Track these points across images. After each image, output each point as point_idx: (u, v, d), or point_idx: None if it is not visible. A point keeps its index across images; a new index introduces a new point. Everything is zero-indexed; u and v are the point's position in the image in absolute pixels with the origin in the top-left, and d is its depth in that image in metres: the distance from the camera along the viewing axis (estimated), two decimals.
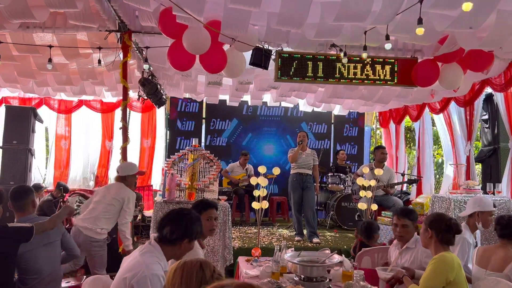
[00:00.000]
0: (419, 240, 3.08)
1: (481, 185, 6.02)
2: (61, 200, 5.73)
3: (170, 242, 2.31)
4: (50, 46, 5.00)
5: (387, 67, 5.17)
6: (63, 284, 3.56)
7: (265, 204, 5.32)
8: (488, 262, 3.01)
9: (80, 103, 8.43)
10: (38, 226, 3.01)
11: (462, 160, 6.75)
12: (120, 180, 4.29)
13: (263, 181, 5.32)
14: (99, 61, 5.08)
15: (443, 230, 2.70)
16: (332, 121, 9.48)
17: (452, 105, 6.89)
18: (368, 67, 5.15)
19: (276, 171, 5.74)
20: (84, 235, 4.00)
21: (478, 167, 8.00)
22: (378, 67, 5.17)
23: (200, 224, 2.46)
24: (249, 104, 8.60)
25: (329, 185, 7.86)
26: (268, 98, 8.23)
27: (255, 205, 5.38)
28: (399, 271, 2.89)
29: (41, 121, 7.47)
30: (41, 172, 8.43)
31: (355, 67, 5.15)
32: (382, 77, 5.18)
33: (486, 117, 6.65)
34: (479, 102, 6.39)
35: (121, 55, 4.78)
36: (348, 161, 8.83)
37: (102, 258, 4.09)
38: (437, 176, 9.63)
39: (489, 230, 3.98)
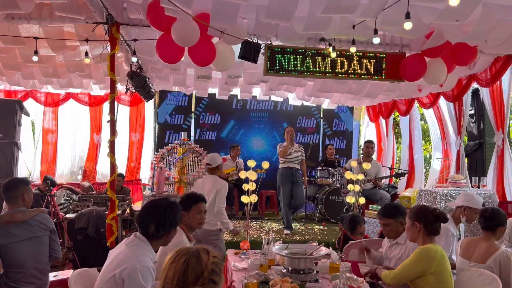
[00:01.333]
0: None
1: (467, 179, 6.11)
2: (48, 194, 5.67)
3: (158, 237, 2.32)
4: (36, 38, 4.92)
5: (375, 62, 5.20)
6: (51, 278, 3.54)
7: (254, 198, 5.34)
8: (472, 254, 3.06)
9: (68, 96, 8.32)
10: (8, 217, 3.03)
11: (452, 154, 6.85)
12: (213, 171, 4.63)
13: (252, 175, 5.34)
14: (86, 54, 5.03)
15: (432, 221, 2.73)
16: (321, 116, 9.53)
17: (442, 100, 6.97)
18: (356, 62, 5.17)
19: (265, 165, 5.76)
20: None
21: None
22: (366, 61, 5.19)
23: (180, 209, 2.49)
24: (239, 98, 8.59)
25: (318, 179, 7.91)
26: (257, 92, 8.23)
27: (244, 199, 5.39)
28: (374, 266, 3.01)
29: (27, 114, 7.37)
30: (28, 166, 8.32)
31: (343, 62, 5.16)
32: (370, 71, 5.21)
33: (472, 112, 6.73)
34: (467, 97, 6.47)
35: (109, 48, 4.73)
36: (337, 155, 8.89)
37: (220, 246, 4.33)
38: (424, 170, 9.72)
39: (474, 223, 4.05)
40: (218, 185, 4.53)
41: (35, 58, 4.98)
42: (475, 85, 6.23)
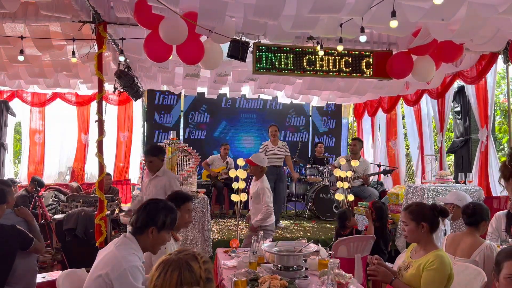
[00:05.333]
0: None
1: (453, 175, 6.20)
2: (36, 195, 5.61)
3: (138, 231, 2.30)
4: (22, 37, 4.87)
5: (363, 60, 5.24)
6: (39, 279, 3.52)
7: (244, 197, 5.36)
8: (457, 248, 3.12)
9: (55, 96, 8.24)
10: (36, 244, 3.16)
11: (429, 151, 7.01)
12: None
13: (241, 174, 5.35)
14: (73, 53, 4.98)
15: (436, 217, 2.65)
16: (310, 114, 9.57)
17: (423, 98, 7.10)
18: (344, 60, 5.21)
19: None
20: None
21: (450, 158, 8.24)
22: (354, 59, 5.23)
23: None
24: (228, 96, 8.58)
25: (307, 177, 7.94)
26: (247, 90, 8.23)
27: (234, 197, 5.41)
28: (387, 273, 2.65)
29: (13, 114, 7.28)
30: (15, 167, 8.22)
31: (331, 60, 5.20)
32: (357, 69, 5.25)
33: (459, 109, 6.82)
34: (449, 94, 6.58)
35: (96, 47, 4.69)
36: (326, 153, 8.94)
37: None
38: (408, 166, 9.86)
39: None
40: None
41: (21, 58, 4.93)
42: (461, 82, 6.33)
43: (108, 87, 6.54)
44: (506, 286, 1.95)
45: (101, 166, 4.53)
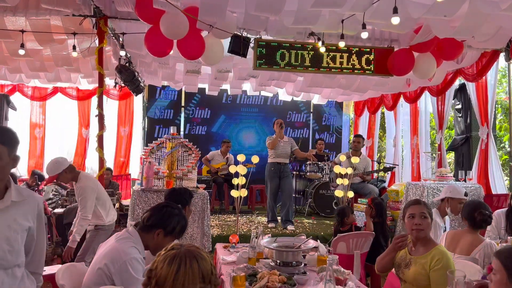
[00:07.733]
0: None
1: (453, 173, 6.20)
2: (36, 188, 5.62)
3: (145, 229, 2.31)
4: (23, 31, 4.86)
5: (364, 56, 5.23)
6: None
7: (244, 192, 5.36)
8: (457, 246, 3.12)
9: (55, 90, 8.25)
10: None
11: (425, 149, 7.03)
12: None
13: (242, 170, 5.35)
14: (74, 47, 4.98)
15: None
16: (311, 110, 9.56)
17: (422, 95, 7.11)
18: (345, 56, 5.20)
19: (255, 159, 5.77)
20: None
21: (451, 155, 8.23)
22: (355, 56, 5.22)
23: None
24: (229, 93, 8.58)
25: (308, 173, 7.94)
26: (248, 87, 8.22)
27: (234, 193, 5.41)
28: None
29: (14, 108, 7.28)
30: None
31: (332, 56, 5.19)
32: (359, 66, 5.24)
33: (460, 106, 6.82)
34: (450, 92, 6.56)
35: (97, 41, 4.68)
36: (327, 150, 8.94)
37: None
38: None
39: (459, 216, 4.12)
40: None
41: (21, 52, 4.93)
42: (462, 80, 6.32)
43: (109, 81, 6.54)
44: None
45: (101, 161, 4.54)
